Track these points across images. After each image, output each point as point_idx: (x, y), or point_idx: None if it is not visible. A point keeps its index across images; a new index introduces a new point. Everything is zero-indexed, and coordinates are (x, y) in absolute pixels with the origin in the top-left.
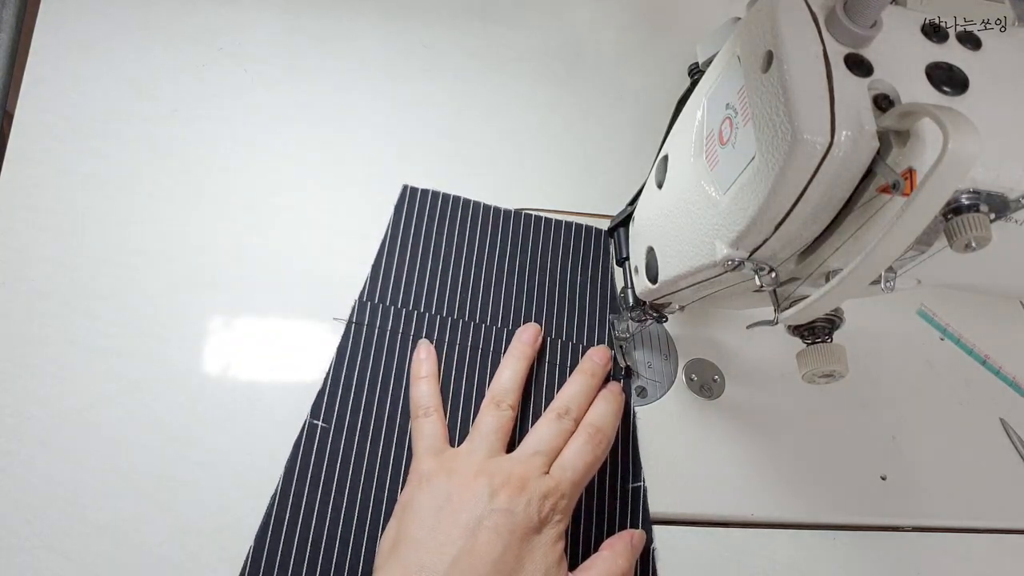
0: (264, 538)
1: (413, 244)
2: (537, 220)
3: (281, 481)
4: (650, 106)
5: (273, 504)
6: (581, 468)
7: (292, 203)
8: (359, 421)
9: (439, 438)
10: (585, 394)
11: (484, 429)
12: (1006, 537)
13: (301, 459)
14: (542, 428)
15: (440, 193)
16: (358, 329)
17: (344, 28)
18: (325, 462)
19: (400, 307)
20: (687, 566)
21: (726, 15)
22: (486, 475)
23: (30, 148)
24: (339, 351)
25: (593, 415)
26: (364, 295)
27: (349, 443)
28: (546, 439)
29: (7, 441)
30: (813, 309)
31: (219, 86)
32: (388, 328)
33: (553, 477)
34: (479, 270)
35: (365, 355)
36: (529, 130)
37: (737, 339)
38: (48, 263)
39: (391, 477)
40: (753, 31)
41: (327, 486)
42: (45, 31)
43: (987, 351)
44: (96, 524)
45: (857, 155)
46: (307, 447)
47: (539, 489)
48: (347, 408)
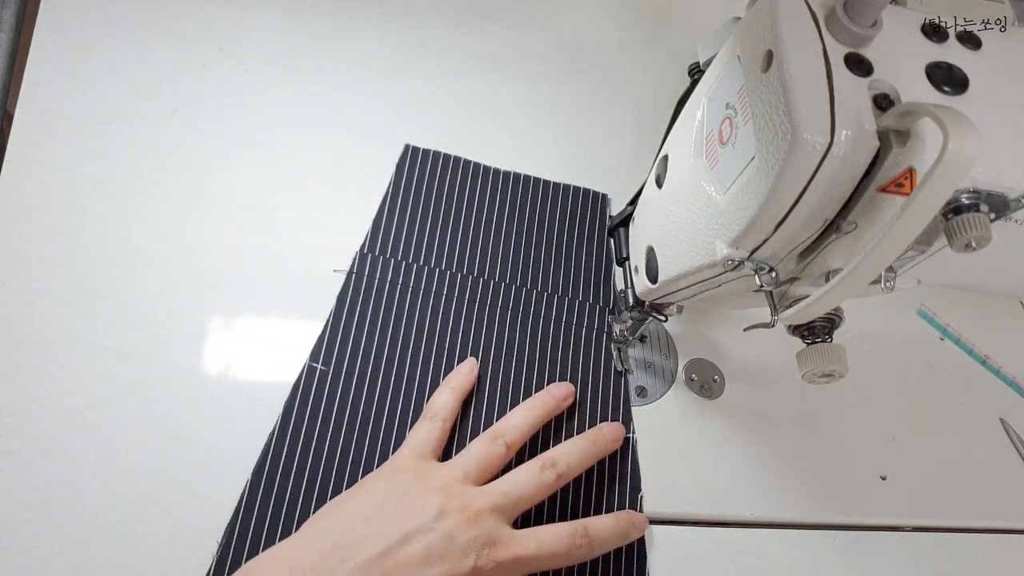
0: (261, 474)
1: (414, 201)
2: (536, 181)
3: (279, 420)
4: (650, 106)
5: (271, 442)
6: (546, 555)
7: (292, 203)
8: (357, 365)
9: (431, 445)
10: (580, 457)
11: (470, 455)
12: (1006, 537)
13: (300, 399)
14: (521, 473)
15: (441, 153)
16: (358, 280)
17: (344, 28)
18: (323, 403)
19: (400, 260)
20: (687, 566)
21: (726, 15)
22: (445, 494)
23: (30, 148)
24: (339, 299)
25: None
26: (365, 247)
27: (347, 386)
28: (521, 485)
29: (7, 441)
30: (813, 309)
31: (219, 86)
32: (388, 279)
33: (516, 541)
34: (478, 227)
35: (364, 303)
36: (529, 129)
37: (737, 339)
38: (48, 263)
39: (386, 421)
40: (753, 31)
41: (324, 426)
42: (45, 31)
43: (987, 351)
44: (96, 524)
45: (857, 155)
46: (306, 388)
47: (491, 533)
48: (346, 352)
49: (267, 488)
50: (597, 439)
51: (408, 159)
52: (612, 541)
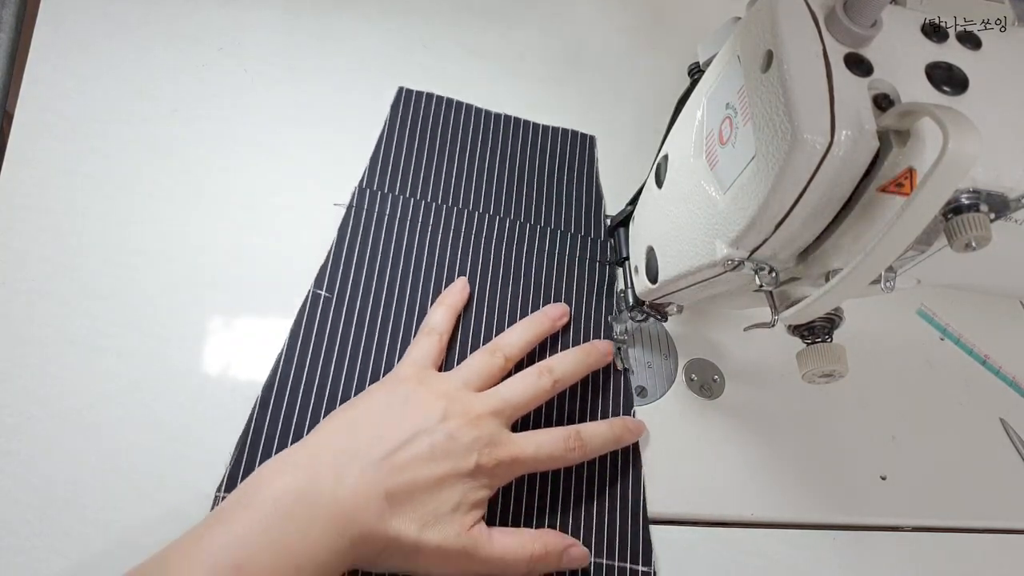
0: (270, 391)
1: (409, 139)
2: (526, 123)
3: (286, 346)
4: (650, 106)
5: (278, 366)
6: (543, 457)
7: (292, 203)
8: (360, 292)
9: (430, 357)
10: (574, 366)
11: (470, 365)
12: (1006, 537)
13: (305, 326)
14: (519, 379)
15: (434, 95)
16: (357, 213)
17: (344, 27)
18: (328, 328)
19: (397, 194)
20: (687, 566)
21: (726, 15)
22: (448, 399)
23: (30, 148)
24: (340, 231)
25: (588, 431)
26: (363, 183)
27: (350, 312)
28: (519, 391)
29: (7, 441)
30: (813, 309)
31: (219, 86)
32: (387, 212)
33: (515, 442)
34: (471, 165)
35: (365, 234)
36: None
37: (737, 339)
38: (48, 263)
39: (389, 344)
40: (753, 31)
41: (329, 349)
42: (45, 31)
43: (987, 351)
44: (96, 524)
45: (857, 155)
46: (311, 315)
47: (492, 434)
48: (348, 280)
49: (276, 403)
50: (590, 351)
51: (402, 101)
52: (605, 445)
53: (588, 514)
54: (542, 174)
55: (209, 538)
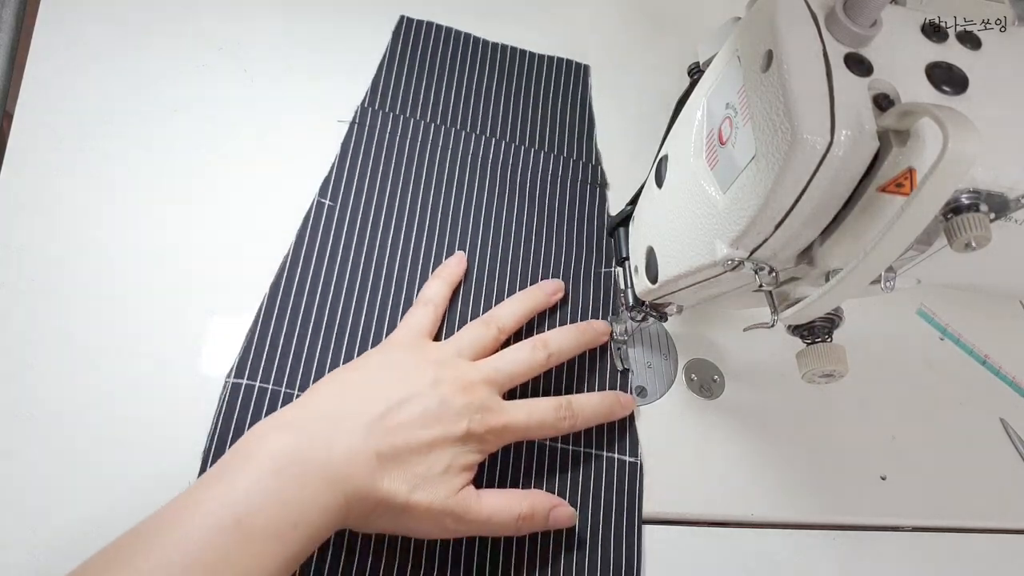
0: (276, 290)
1: (409, 64)
2: (523, 53)
3: (291, 249)
4: (650, 106)
5: (284, 265)
6: (534, 425)
7: (293, 203)
8: (362, 202)
9: (424, 328)
10: (570, 341)
11: (464, 335)
12: (1006, 537)
13: (309, 233)
14: (514, 350)
15: (434, 24)
16: (360, 130)
17: (344, 28)
18: (331, 235)
19: (398, 114)
20: (687, 566)
21: (726, 15)
22: (440, 366)
23: (30, 148)
24: (343, 145)
25: (579, 401)
26: (365, 102)
27: (353, 219)
28: (513, 362)
29: (7, 441)
30: (813, 309)
31: (219, 86)
32: (388, 130)
33: (506, 410)
34: (469, 90)
35: (367, 148)
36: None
37: (737, 339)
38: (48, 263)
39: (389, 252)
40: (753, 31)
41: (333, 255)
42: (45, 31)
43: (987, 351)
44: (96, 524)
45: (857, 155)
46: (315, 223)
47: (484, 402)
48: (351, 190)
49: (283, 303)
50: (586, 329)
51: (403, 28)
52: (596, 417)
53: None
54: (537, 100)
55: (208, 494)
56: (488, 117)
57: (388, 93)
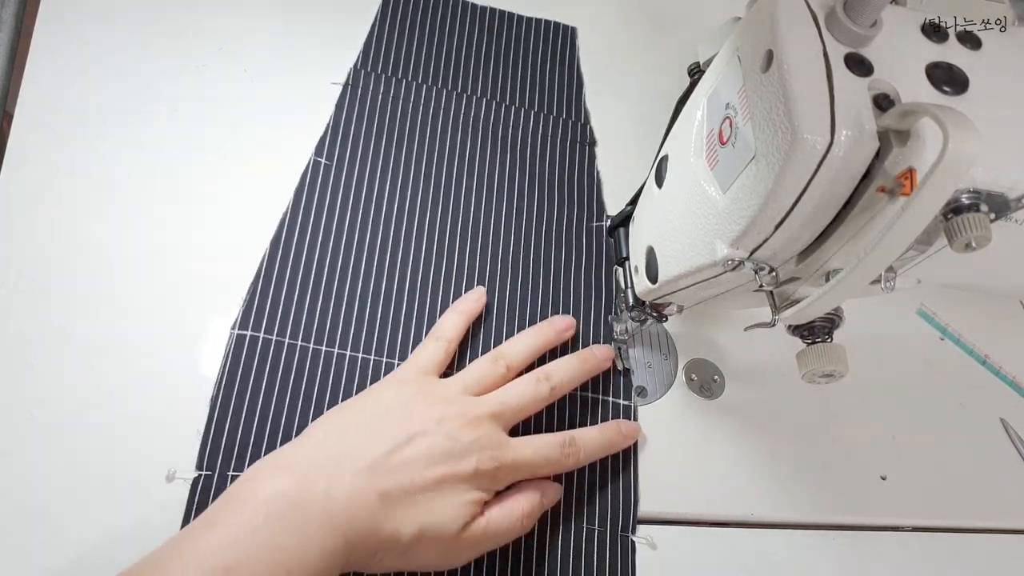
0: (277, 244)
1: (400, 27)
2: (511, 16)
3: (290, 205)
4: (650, 106)
5: (284, 221)
6: (540, 461)
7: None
8: (357, 160)
9: (434, 362)
10: (572, 372)
11: (472, 372)
12: (1006, 537)
13: (307, 190)
14: (518, 384)
15: None
16: (353, 91)
17: (344, 28)
18: (328, 192)
19: (390, 75)
20: (687, 566)
21: (726, 15)
22: (446, 403)
23: (30, 148)
24: (337, 106)
25: (582, 436)
26: (358, 64)
27: (349, 179)
28: (517, 396)
29: (7, 441)
30: (813, 309)
31: (219, 86)
32: (380, 91)
33: (513, 446)
34: (459, 52)
35: (361, 108)
36: None
37: (737, 339)
38: (48, 263)
39: (386, 208)
40: (753, 31)
41: (331, 210)
42: (45, 31)
43: (987, 351)
44: (96, 524)
45: (857, 155)
46: (312, 181)
47: (490, 437)
48: (347, 149)
49: (283, 257)
50: (588, 357)
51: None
52: (598, 451)
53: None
54: (526, 62)
55: (200, 540)
56: (479, 78)
57: (380, 56)
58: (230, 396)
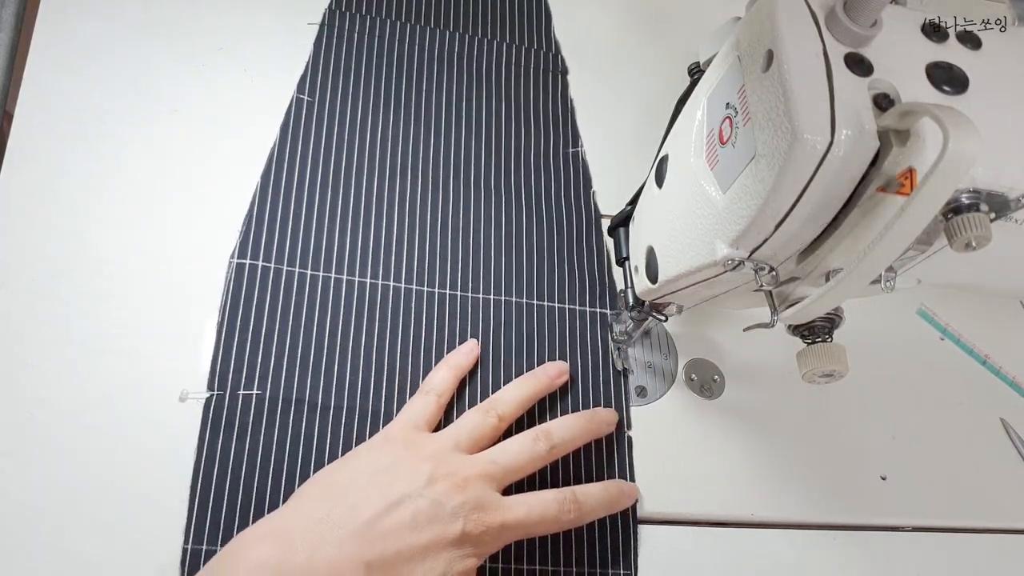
0: (267, 182)
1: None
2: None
3: (277, 141)
4: (650, 106)
5: (272, 155)
6: (535, 521)
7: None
8: (339, 95)
9: (424, 418)
10: (574, 432)
11: (462, 425)
12: (1006, 537)
13: (292, 125)
14: (513, 443)
15: None
16: (331, 31)
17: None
18: (313, 127)
19: (365, 14)
20: (687, 566)
21: (726, 15)
22: (435, 462)
23: (30, 148)
24: (316, 44)
25: (584, 492)
26: (332, 5)
27: (332, 113)
28: (512, 454)
29: (7, 441)
30: (813, 309)
31: (219, 86)
32: (356, 28)
33: (504, 507)
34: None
35: (339, 45)
36: None
37: (737, 339)
38: (48, 263)
39: (370, 139)
40: (753, 30)
41: (316, 143)
42: (45, 31)
43: (987, 351)
44: (96, 524)
45: (857, 154)
46: (296, 116)
47: (481, 499)
48: (328, 85)
49: (275, 187)
50: (592, 417)
51: None
52: (600, 509)
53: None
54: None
55: None
56: (451, 12)
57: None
58: (234, 327)
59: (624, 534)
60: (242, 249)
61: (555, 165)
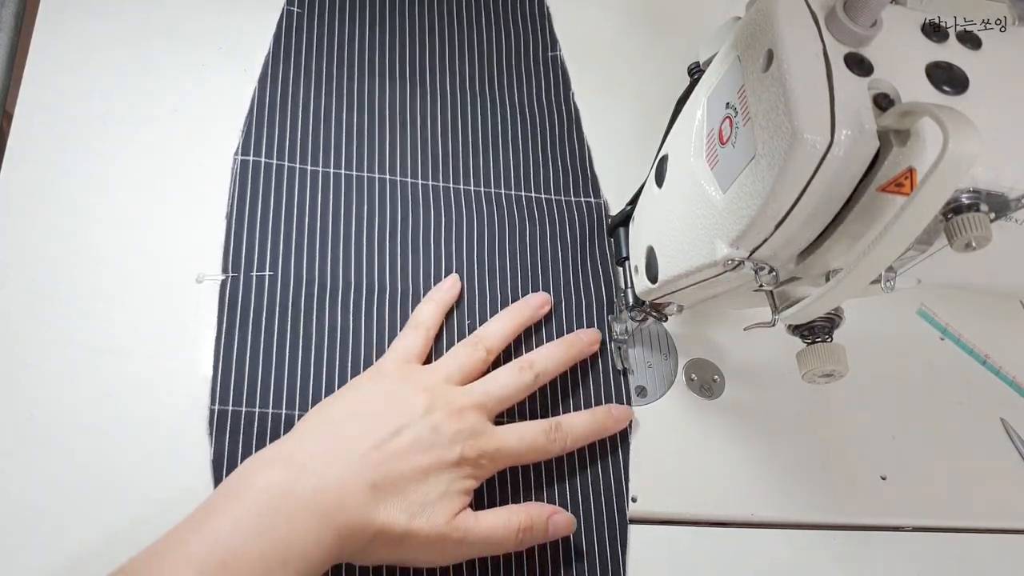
0: (264, 83)
1: None
2: None
3: (271, 50)
4: (650, 106)
5: (267, 65)
6: (525, 448)
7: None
8: (327, 6)
9: (414, 351)
10: (556, 359)
11: (453, 359)
12: (1006, 537)
13: (284, 36)
14: (501, 373)
15: None
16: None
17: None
18: (304, 37)
19: None
20: (687, 566)
21: (726, 15)
22: (430, 393)
23: (30, 148)
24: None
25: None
26: None
27: (322, 23)
28: (501, 385)
29: (7, 441)
30: (813, 309)
31: (219, 86)
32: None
33: (497, 434)
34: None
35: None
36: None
37: (737, 339)
38: (48, 263)
39: (358, 48)
40: (753, 30)
41: (308, 52)
42: (45, 31)
43: (987, 351)
44: (96, 524)
45: (857, 154)
46: (287, 34)
47: (475, 427)
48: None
49: (272, 88)
50: (573, 342)
51: None
52: (588, 435)
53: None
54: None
55: (194, 535)
56: None
57: None
58: (242, 226)
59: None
60: (244, 147)
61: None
